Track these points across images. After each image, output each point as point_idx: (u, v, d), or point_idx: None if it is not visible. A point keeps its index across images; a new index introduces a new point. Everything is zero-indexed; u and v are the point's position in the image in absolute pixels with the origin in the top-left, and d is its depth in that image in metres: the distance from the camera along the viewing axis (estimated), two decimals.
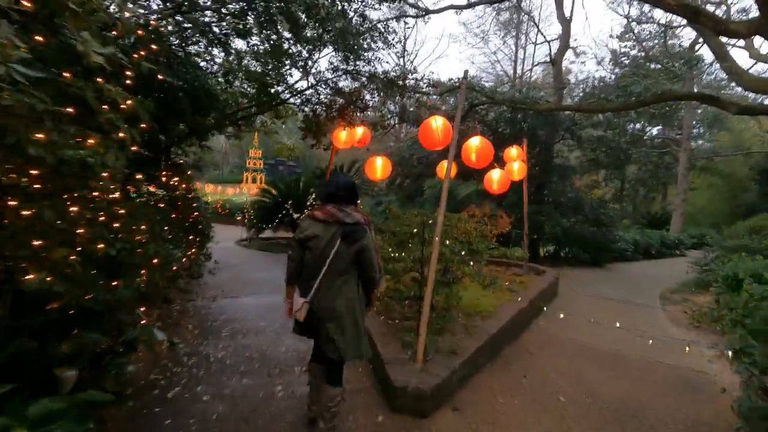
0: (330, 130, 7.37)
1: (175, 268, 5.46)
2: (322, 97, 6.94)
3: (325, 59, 6.73)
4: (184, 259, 5.67)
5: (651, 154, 28.16)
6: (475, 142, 5.10)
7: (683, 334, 6.26)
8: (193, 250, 5.63)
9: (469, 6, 12.70)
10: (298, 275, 2.57)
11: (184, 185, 5.46)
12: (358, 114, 7.09)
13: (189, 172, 5.83)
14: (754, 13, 10.26)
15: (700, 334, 6.21)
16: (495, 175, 6.97)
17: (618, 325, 6.31)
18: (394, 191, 13.73)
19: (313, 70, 6.73)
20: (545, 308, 6.71)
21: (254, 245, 11.98)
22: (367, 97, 6.94)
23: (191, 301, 5.71)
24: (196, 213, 5.50)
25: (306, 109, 7.16)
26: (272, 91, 6.48)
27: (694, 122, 26.03)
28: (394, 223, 5.79)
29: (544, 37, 21.29)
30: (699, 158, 26.53)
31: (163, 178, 5.39)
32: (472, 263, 4.89)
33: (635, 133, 24.44)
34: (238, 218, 14.06)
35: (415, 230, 5.22)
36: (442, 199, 3.85)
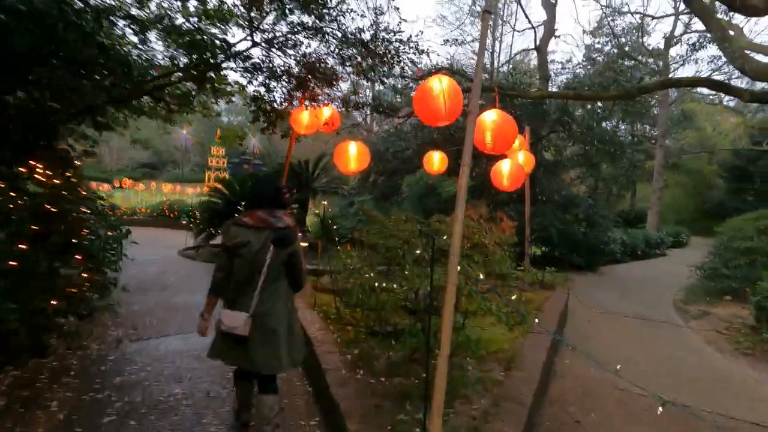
0: (287, 110, 5.70)
1: (54, 302, 3.67)
2: (276, 63, 5.25)
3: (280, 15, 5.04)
4: (73, 289, 3.86)
5: (609, 150, 27.92)
6: (490, 117, 3.58)
7: (736, 365, 5.03)
8: (85, 276, 3.82)
9: None
10: (225, 287, 2.45)
11: (64, 183, 3.65)
12: (324, 89, 5.45)
13: (76, 165, 4.00)
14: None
15: (757, 366, 5.00)
16: (505, 166, 5.44)
17: (656, 357, 5.00)
18: (368, 190, 12.15)
19: (264, 25, 5.03)
20: (562, 336, 5.34)
21: (202, 255, 10.08)
22: (337, 67, 5.30)
23: (80, 349, 3.91)
24: (82, 224, 3.69)
25: (256, 81, 5.45)
26: (207, 52, 4.75)
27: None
28: (376, 232, 4.24)
29: (530, 22, 20.25)
30: (674, 155, 26.43)
31: (36, 172, 3.57)
32: (493, 291, 3.39)
33: (613, 129, 24.01)
34: (185, 222, 12.06)
35: (407, 244, 3.69)
36: (458, 197, 2.30)
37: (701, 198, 31.80)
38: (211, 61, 4.88)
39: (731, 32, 10.87)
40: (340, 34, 4.97)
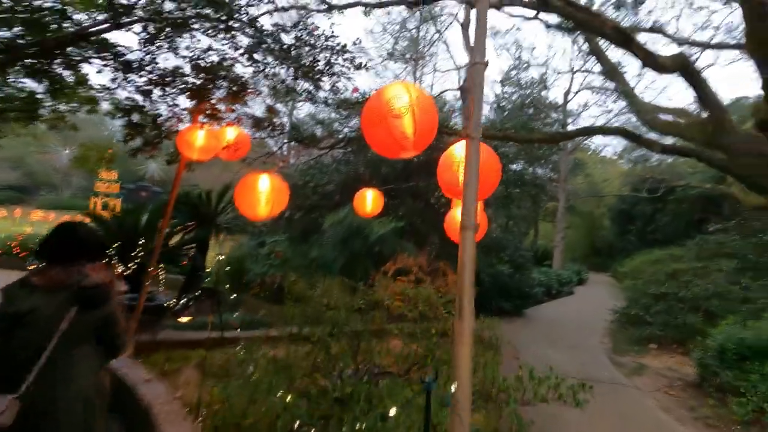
0: (174, 128, 4.25)
1: None
2: (163, 63, 3.83)
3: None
4: None
5: (531, 192, 29.97)
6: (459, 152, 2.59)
7: None
8: None
9: (381, 6, 10.92)
10: None
11: None
12: (228, 103, 4.13)
13: None
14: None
15: None
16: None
17: None
18: (282, 228, 10.63)
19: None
20: None
21: None
22: (243, 71, 4.04)
23: None
24: None
25: (129, 86, 3.94)
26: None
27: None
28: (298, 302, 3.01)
29: (455, 63, 20.79)
30: (577, 198, 28.86)
31: None
32: None
33: (520, 171, 25.73)
34: (31, 267, 9.32)
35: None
36: (462, 284, 1.21)
37: (593, 238, 35.23)
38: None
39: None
40: (251, 32, 3.74)
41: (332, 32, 4.02)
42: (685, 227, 20.32)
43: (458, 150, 2.56)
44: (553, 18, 11.90)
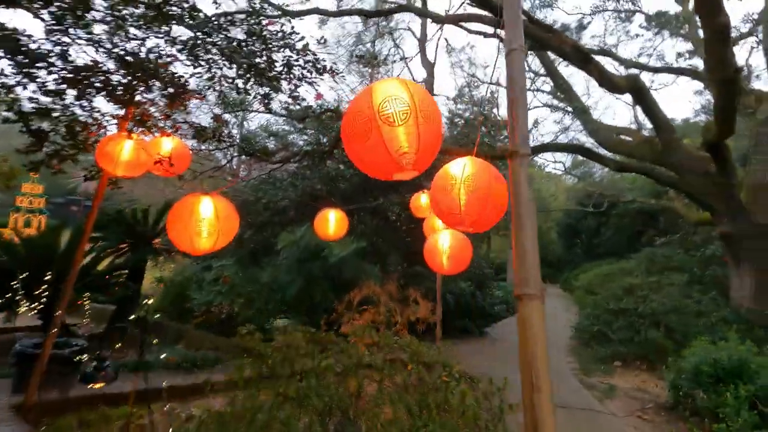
0: (94, 137, 3.46)
1: None
2: (70, 55, 3.06)
3: None
4: None
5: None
6: (461, 167, 2.10)
7: None
8: None
9: (338, 14, 10.46)
10: None
11: None
12: (164, 108, 3.42)
13: None
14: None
15: None
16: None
17: None
18: (230, 250, 9.68)
19: None
20: None
21: None
22: (185, 71, 3.35)
23: None
24: None
25: (30, 83, 3.12)
26: None
27: None
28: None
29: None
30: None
31: None
32: None
33: None
34: None
35: None
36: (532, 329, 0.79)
37: (541, 251, 36.39)
38: None
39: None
40: (193, 23, 3.08)
41: (292, 28, 3.45)
42: (628, 241, 21.30)
43: (455, 169, 2.08)
44: None
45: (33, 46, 3.14)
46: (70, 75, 3.09)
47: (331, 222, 4.69)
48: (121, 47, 3.25)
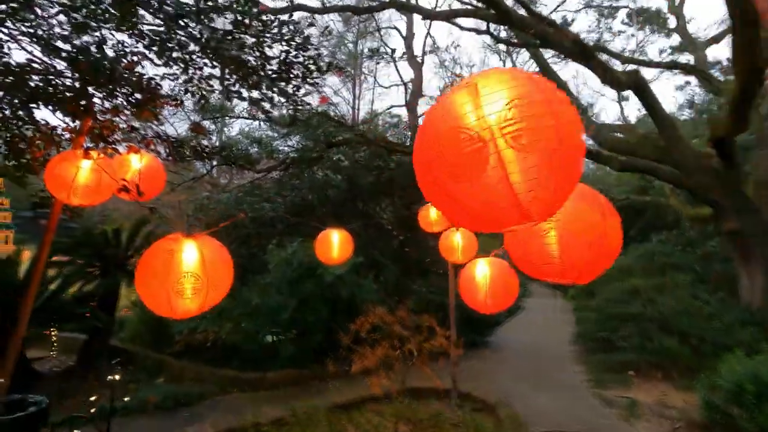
0: (43, 154, 2.76)
1: None
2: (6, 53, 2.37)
3: None
4: None
5: None
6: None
7: None
8: None
9: (326, 11, 9.82)
10: None
11: None
12: (128, 118, 2.74)
13: None
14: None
15: None
16: (457, 237, 3.75)
17: None
18: None
19: None
20: None
21: None
22: (156, 72, 2.69)
23: None
24: None
25: None
26: None
27: None
28: None
29: (401, 78, 20.12)
30: None
31: None
32: None
33: None
34: None
35: None
36: None
37: None
38: None
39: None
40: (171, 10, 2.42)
41: (290, 17, 2.79)
42: None
43: None
44: (501, 33, 11.65)
45: None
46: (2, 77, 2.39)
47: (335, 244, 4.06)
48: (70, 44, 2.56)
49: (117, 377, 6.21)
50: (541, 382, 7.69)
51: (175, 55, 2.87)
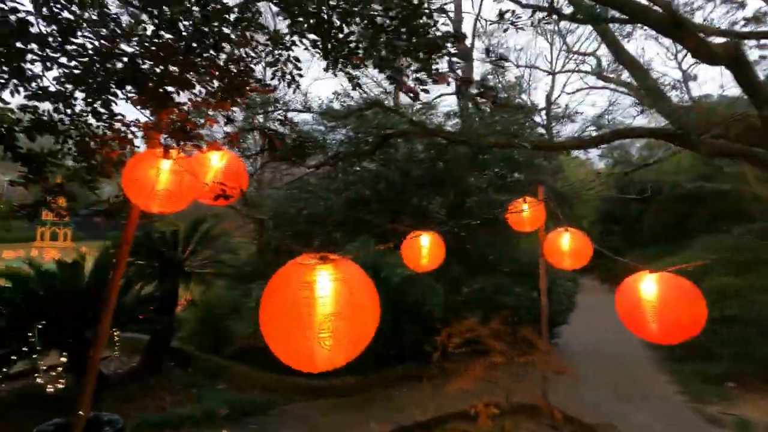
0: (120, 155, 2.39)
1: None
2: (75, 39, 1.98)
3: None
4: None
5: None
6: None
7: None
8: None
9: None
10: None
11: None
12: (210, 110, 2.33)
13: None
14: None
15: None
16: (565, 239, 3.18)
17: None
18: (273, 261, 8.55)
19: None
20: None
21: None
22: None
23: None
24: None
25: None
26: None
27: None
28: None
29: (452, 65, 19.31)
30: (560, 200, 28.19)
31: None
32: None
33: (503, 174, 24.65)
34: None
35: None
36: None
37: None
38: None
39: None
40: None
41: None
42: (674, 227, 19.74)
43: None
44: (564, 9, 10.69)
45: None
46: (80, 65, 2.00)
47: (424, 248, 3.55)
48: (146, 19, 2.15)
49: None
50: (630, 394, 6.93)
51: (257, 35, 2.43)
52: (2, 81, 2.06)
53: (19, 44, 2.07)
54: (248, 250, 10.98)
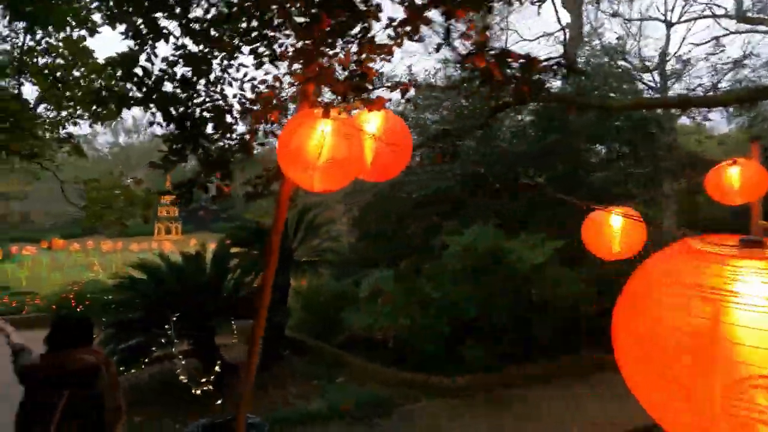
0: (270, 119, 1.93)
1: None
2: None
3: None
4: None
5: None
6: None
7: None
8: None
9: None
10: None
11: None
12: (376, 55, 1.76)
13: None
14: None
15: None
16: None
17: None
18: (383, 256, 8.11)
19: None
20: None
21: None
22: None
23: None
24: None
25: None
26: None
27: None
28: None
29: (560, 22, 17.43)
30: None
31: None
32: None
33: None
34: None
35: None
36: None
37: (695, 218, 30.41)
38: None
39: None
40: None
41: None
42: None
43: None
44: None
45: None
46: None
47: (615, 231, 2.73)
48: None
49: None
50: None
51: None
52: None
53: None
54: (348, 238, 10.84)
